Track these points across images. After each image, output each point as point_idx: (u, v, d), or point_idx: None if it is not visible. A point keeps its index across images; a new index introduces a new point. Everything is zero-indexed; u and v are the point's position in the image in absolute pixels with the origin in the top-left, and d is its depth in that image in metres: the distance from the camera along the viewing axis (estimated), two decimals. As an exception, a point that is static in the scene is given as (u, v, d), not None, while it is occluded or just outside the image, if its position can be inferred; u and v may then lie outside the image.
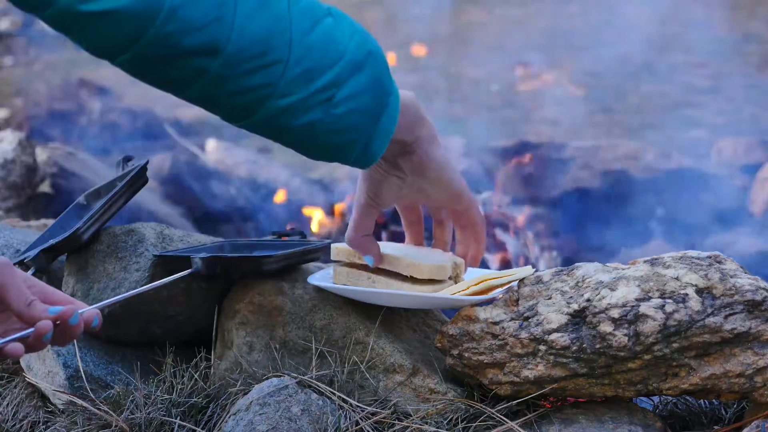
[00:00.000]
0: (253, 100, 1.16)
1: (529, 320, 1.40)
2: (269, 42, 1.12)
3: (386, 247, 1.52)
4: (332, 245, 1.56)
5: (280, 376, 1.50)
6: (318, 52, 1.16)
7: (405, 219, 1.51)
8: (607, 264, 1.46)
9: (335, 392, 1.47)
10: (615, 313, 1.35)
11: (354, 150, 1.25)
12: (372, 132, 1.24)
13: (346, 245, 1.49)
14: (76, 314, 1.12)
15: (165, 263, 1.60)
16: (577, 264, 1.47)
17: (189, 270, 1.52)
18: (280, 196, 4.37)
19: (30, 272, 1.67)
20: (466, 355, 1.43)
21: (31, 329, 1.09)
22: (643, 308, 1.35)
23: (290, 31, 1.13)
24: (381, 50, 1.24)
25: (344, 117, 1.20)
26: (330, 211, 4.17)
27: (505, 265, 3.89)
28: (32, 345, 1.10)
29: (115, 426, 1.49)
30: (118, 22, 1.06)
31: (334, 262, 1.55)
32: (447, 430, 1.41)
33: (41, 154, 4.04)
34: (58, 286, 1.70)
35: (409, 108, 1.31)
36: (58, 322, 1.11)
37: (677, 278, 1.38)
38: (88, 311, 1.15)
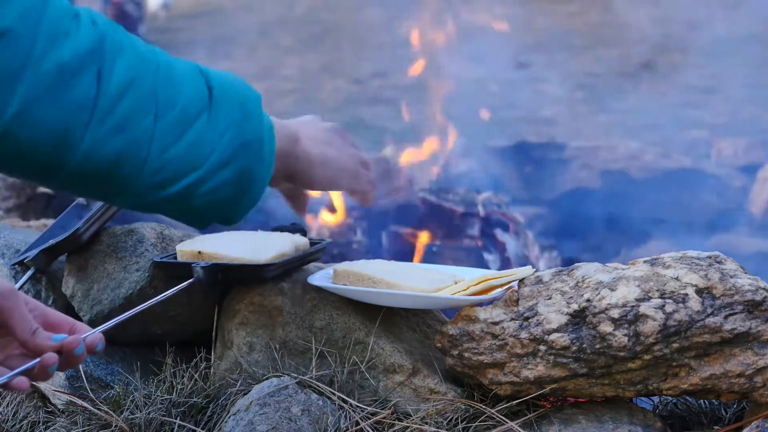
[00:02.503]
0: (106, 197, 1.17)
1: (529, 320, 1.40)
2: (118, 163, 1.08)
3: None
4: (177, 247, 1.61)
5: (280, 376, 1.50)
6: (178, 164, 1.13)
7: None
8: (607, 264, 1.46)
9: (335, 392, 1.47)
10: (615, 313, 1.35)
11: (209, 222, 1.26)
12: (232, 209, 1.24)
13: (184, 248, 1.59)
14: (81, 345, 1.12)
15: (165, 268, 1.61)
16: (577, 264, 1.47)
17: (190, 280, 1.52)
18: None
19: (30, 272, 1.67)
20: (466, 355, 1.43)
21: (36, 360, 1.09)
22: (643, 308, 1.35)
23: (148, 149, 1.09)
24: (258, 134, 1.20)
25: (201, 207, 1.20)
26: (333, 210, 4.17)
27: (506, 264, 3.89)
28: (37, 376, 1.10)
29: (115, 426, 1.49)
30: None
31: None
32: (447, 430, 1.41)
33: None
34: (58, 286, 1.70)
35: (281, 152, 1.29)
36: (61, 351, 1.11)
37: (677, 278, 1.38)
38: (92, 336, 1.14)
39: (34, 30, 0.98)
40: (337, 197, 4.12)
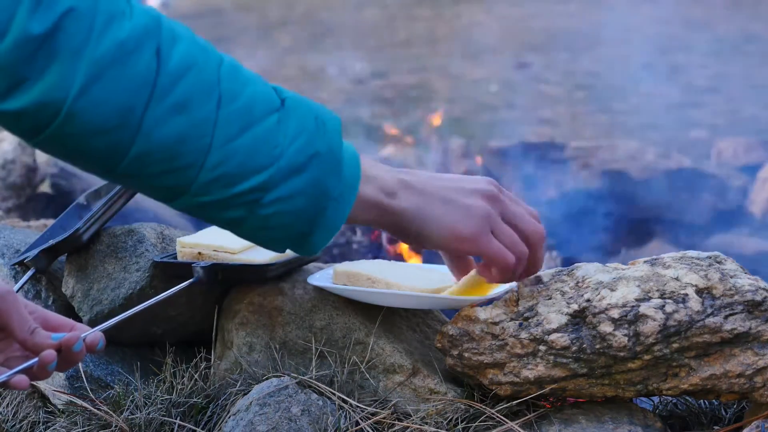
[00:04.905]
0: (167, 194, 1.14)
1: (529, 320, 1.40)
2: (180, 147, 1.08)
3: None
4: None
5: (280, 376, 1.50)
6: (242, 157, 1.11)
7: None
8: (607, 264, 1.46)
9: (335, 392, 1.47)
10: (615, 314, 1.35)
11: (286, 244, 1.22)
12: (309, 229, 1.19)
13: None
14: (79, 341, 1.12)
15: (165, 268, 1.61)
16: (577, 264, 1.47)
17: (190, 280, 1.52)
18: None
19: (30, 272, 1.67)
20: (466, 355, 1.43)
21: (35, 359, 1.09)
22: (643, 308, 1.35)
23: (211, 136, 1.09)
24: (333, 148, 1.17)
25: (272, 217, 1.16)
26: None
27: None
28: (37, 374, 1.11)
29: (115, 426, 1.49)
30: (17, 120, 1.05)
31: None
32: (447, 430, 1.41)
33: (41, 155, 4.04)
34: (58, 287, 1.70)
35: (370, 200, 1.23)
36: (61, 349, 1.11)
37: (677, 278, 1.38)
38: (92, 334, 1.14)
39: (93, 9, 1.01)
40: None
